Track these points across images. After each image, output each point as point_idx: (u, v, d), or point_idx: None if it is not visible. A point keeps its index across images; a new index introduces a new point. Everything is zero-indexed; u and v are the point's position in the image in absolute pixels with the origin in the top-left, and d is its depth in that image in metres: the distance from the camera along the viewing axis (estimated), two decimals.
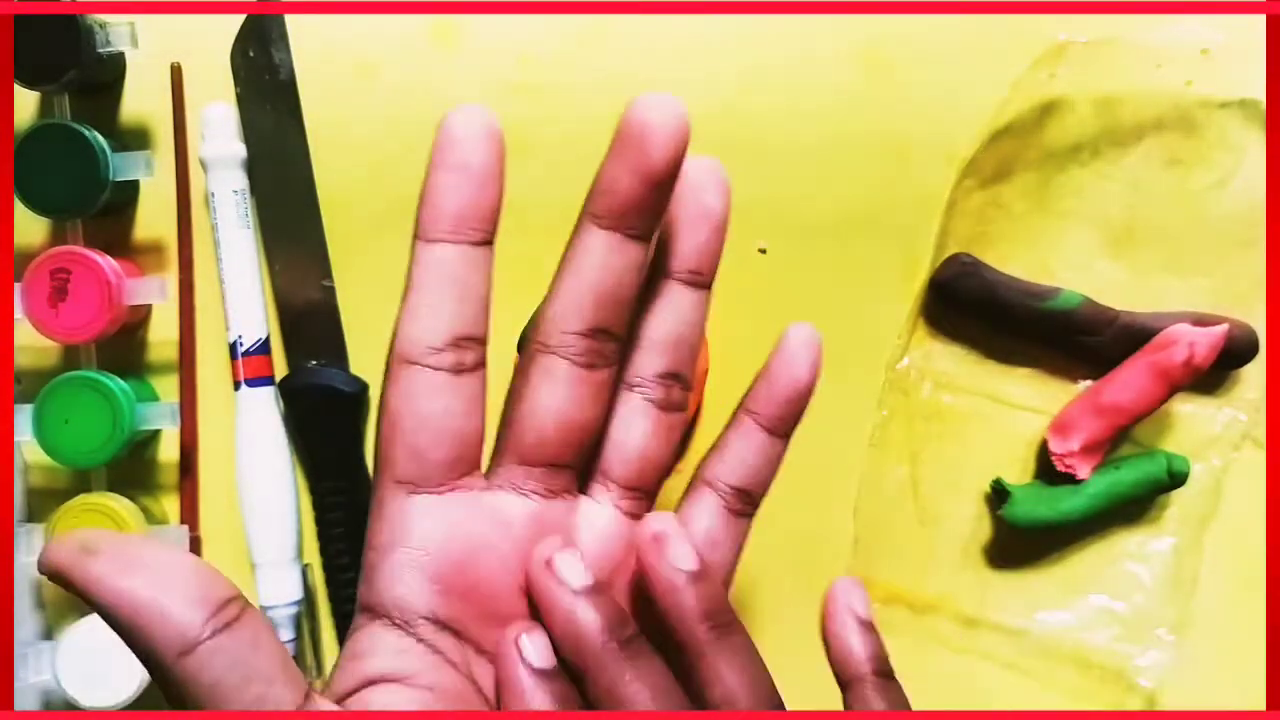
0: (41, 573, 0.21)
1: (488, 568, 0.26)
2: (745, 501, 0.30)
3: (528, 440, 0.27)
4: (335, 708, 0.23)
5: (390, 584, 0.26)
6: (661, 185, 0.25)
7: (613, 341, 0.27)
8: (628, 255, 0.26)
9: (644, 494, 0.29)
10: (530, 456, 0.27)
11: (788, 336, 0.30)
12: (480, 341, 0.26)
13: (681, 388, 0.29)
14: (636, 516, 0.28)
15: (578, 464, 0.28)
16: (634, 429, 0.28)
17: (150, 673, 0.21)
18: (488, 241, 0.26)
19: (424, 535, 0.26)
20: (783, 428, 0.30)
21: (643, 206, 0.25)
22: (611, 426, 0.28)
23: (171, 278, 0.44)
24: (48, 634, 0.45)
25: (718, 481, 0.29)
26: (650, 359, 0.28)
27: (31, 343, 0.43)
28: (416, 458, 0.26)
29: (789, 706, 0.26)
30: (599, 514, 0.28)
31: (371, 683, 0.25)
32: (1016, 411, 0.46)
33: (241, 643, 0.21)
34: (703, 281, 0.28)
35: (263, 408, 0.44)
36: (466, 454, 0.26)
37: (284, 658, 0.22)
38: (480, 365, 0.26)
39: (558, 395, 0.26)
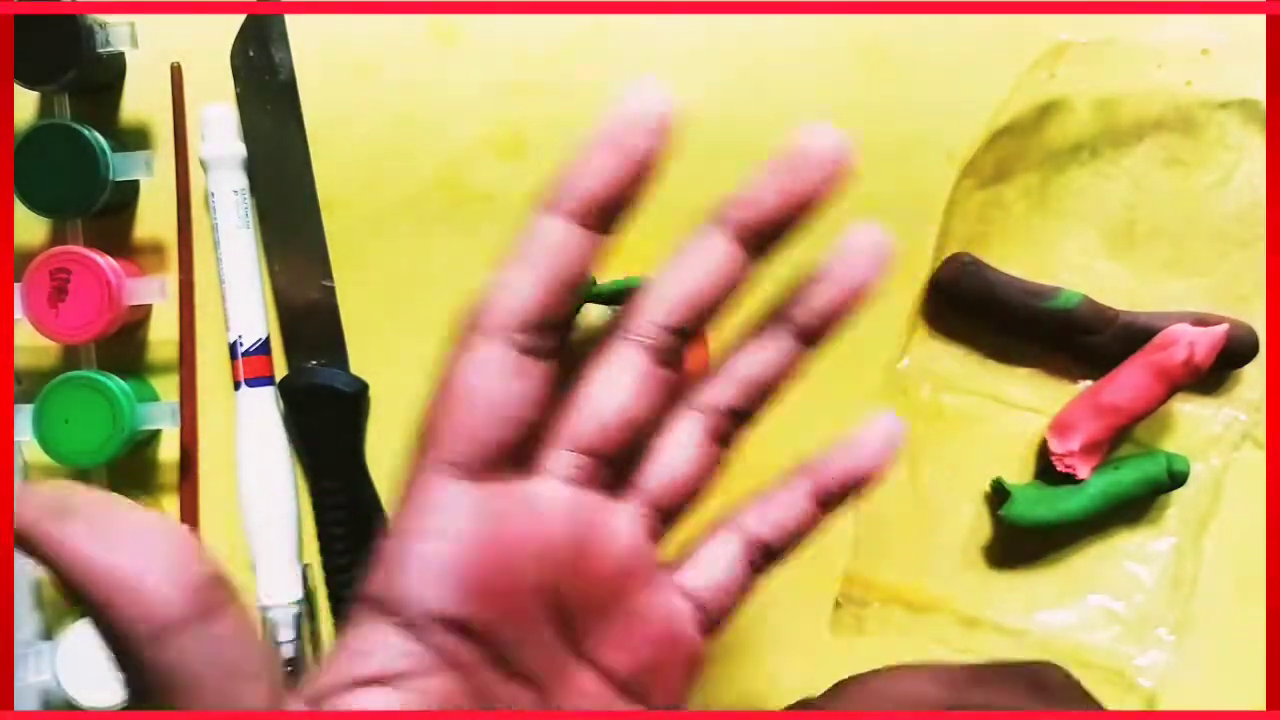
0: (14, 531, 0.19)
1: (519, 566, 0.24)
2: (767, 558, 0.28)
3: (588, 427, 0.25)
4: (308, 709, 0.22)
5: (408, 577, 0.23)
6: (807, 213, 0.25)
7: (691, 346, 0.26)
8: (743, 269, 0.26)
9: (666, 519, 0.27)
10: (586, 444, 0.25)
11: (869, 427, 0.28)
12: (562, 330, 0.25)
13: (742, 430, 0.28)
14: (651, 538, 0.27)
15: (624, 464, 0.26)
16: (683, 453, 0.27)
17: (116, 657, 0.19)
18: (607, 233, 0.24)
19: (458, 527, 0.24)
20: (831, 503, 0.28)
21: (779, 229, 0.25)
22: (663, 442, 0.27)
23: (171, 278, 0.44)
24: (48, 634, 0.45)
25: (749, 531, 0.28)
26: (727, 391, 0.27)
27: (31, 343, 0.43)
28: (468, 437, 0.24)
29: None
30: (626, 524, 0.26)
31: (360, 684, 0.23)
32: (1016, 411, 0.46)
33: (219, 633, 0.20)
34: (811, 341, 0.27)
35: (263, 408, 0.44)
36: (518, 446, 0.24)
37: (262, 653, 0.21)
38: (554, 356, 0.25)
39: (629, 387, 0.25)
